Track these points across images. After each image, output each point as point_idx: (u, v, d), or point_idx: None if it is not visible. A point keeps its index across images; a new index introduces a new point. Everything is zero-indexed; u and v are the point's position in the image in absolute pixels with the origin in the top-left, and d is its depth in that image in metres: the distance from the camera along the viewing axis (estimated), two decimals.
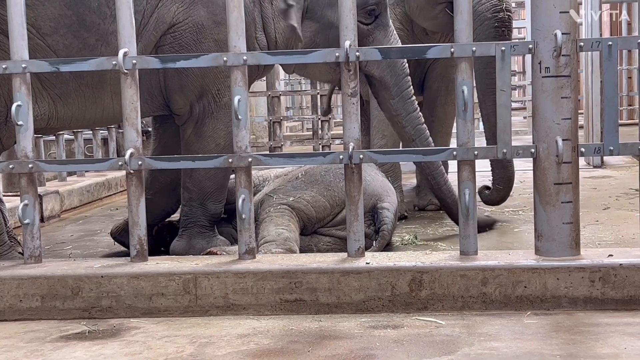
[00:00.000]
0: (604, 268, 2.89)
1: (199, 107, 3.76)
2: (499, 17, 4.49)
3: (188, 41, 3.65)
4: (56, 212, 5.67)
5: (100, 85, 3.62)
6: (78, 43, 3.51)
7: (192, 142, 3.81)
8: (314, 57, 3.29)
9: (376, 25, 4.01)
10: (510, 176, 4.78)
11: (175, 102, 3.76)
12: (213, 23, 3.66)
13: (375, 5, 3.97)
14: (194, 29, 3.64)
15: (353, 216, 3.14)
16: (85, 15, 3.50)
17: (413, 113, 4.05)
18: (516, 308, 2.91)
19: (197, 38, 3.65)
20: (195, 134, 3.80)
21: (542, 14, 2.96)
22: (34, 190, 3.25)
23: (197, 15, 3.64)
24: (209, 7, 3.65)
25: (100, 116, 3.77)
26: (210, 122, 3.77)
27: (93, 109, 3.70)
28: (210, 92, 3.74)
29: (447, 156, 3.17)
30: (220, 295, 3.01)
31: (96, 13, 3.51)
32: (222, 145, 3.78)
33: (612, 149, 3.04)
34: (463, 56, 3.04)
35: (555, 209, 3.00)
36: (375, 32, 4.01)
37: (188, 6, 3.62)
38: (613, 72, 3.05)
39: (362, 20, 3.91)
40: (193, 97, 3.74)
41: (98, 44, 3.53)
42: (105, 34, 3.53)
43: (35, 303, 3.06)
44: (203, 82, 3.71)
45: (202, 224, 3.86)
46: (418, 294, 2.95)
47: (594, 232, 4.31)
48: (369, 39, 3.97)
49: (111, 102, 3.68)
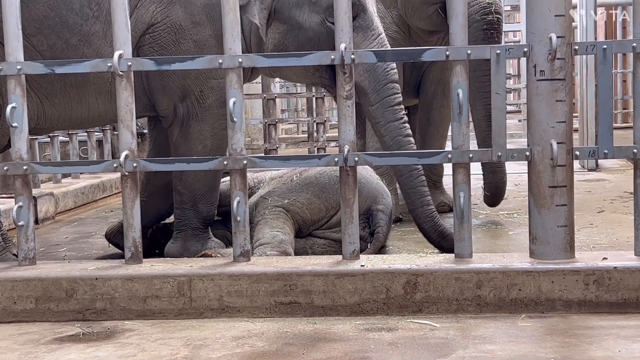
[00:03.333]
0: (598, 271, 2.89)
1: (182, 108, 3.75)
2: (488, 20, 4.49)
3: (167, 41, 3.65)
4: (51, 214, 5.66)
5: (83, 85, 3.65)
6: (61, 44, 3.55)
7: (179, 145, 3.81)
8: (309, 60, 3.29)
9: (354, 27, 3.76)
10: (498, 182, 4.80)
11: (159, 103, 3.76)
12: (191, 23, 3.66)
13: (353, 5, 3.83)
14: (173, 29, 3.65)
15: (348, 218, 3.14)
16: (67, 17, 3.55)
17: (393, 123, 3.76)
18: (511, 311, 2.91)
19: (175, 38, 3.66)
20: (182, 136, 3.80)
21: (537, 17, 2.96)
22: (28, 192, 3.25)
23: (175, 15, 3.65)
24: (187, 8, 3.66)
25: (87, 116, 3.79)
26: (195, 123, 3.76)
27: (79, 109, 3.72)
28: (193, 93, 3.73)
29: (442, 159, 3.17)
30: (215, 298, 3.01)
31: (78, 14, 3.56)
32: (210, 146, 3.77)
33: (607, 152, 3.04)
34: (458, 59, 3.05)
35: (550, 212, 3.00)
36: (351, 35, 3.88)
37: (166, 6, 3.63)
38: (608, 75, 3.05)
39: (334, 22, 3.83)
40: (176, 98, 3.74)
41: (80, 45, 3.58)
42: (87, 35, 3.58)
43: (30, 305, 3.06)
44: (185, 82, 3.71)
45: (196, 226, 3.86)
46: (413, 297, 2.95)
47: (588, 235, 4.32)
48: None
49: (95, 101, 3.71)
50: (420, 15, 4.87)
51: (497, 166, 4.71)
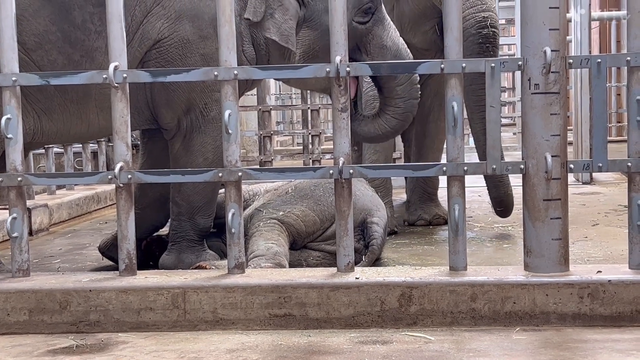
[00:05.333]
0: (593, 284, 2.90)
1: (186, 121, 3.75)
2: (483, 34, 4.50)
3: (174, 56, 3.65)
4: (45, 225, 5.65)
5: (85, 100, 3.62)
6: (63, 59, 3.51)
7: (180, 157, 3.81)
8: (305, 72, 3.30)
9: (374, 22, 3.96)
10: (502, 196, 4.80)
11: (163, 117, 3.76)
12: (199, 37, 3.66)
13: (371, 2, 3.92)
14: (180, 44, 3.64)
15: (343, 231, 3.14)
16: (69, 32, 3.50)
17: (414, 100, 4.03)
18: (505, 324, 2.91)
19: (183, 53, 3.65)
20: (184, 149, 3.79)
21: (532, 30, 2.97)
22: (22, 204, 3.24)
23: (183, 30, 3.64)
24: (195, 22, 3.65)
25: (86, 131, 3.77)
26: (198, 136, 3.76)
27: (78, 125, 3.70)
28: (198, 106, 3.73)
29: (436, 172, 3.18)
30: (209, 310, 3.00)
31: (80, 29, 3.51)
32: (211, 159, 3.77)
33: (601, 166, 3.05)
34: (453, 72, 3.06)
35: (544, 225, 3.01)
36: (373, 29, 3.96)
37: (174, 22, 3.62)
38: (602, 89, 3.06)
39: (360, 20, 3.90)
40: (180, 111, 3.74)
41: (83, 60, 3.54)
42: (89, 50, 3.54)
43: (23, 317, 3.05)
44: (190, 96, 3.71)
45: (191, 238, 3.85)
46: (407, 309, 2.95)
47: (582, 248, 4.32)
48: (367, 37, 3.94)
49: (96, 117, 3.68)
50: (416, 31, 4.89)
51: (498, 180, 4.72)
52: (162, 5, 3.59)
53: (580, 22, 7.59)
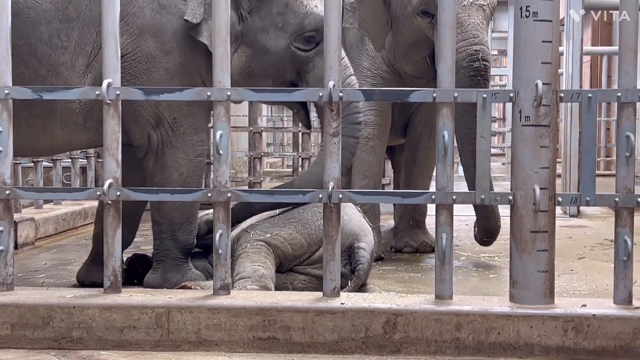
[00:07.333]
0: (577, 318, 2.90)
1: (156, 136, 3.77)
2: (475, 67, 4.53)
3: (138, 71, 3.67)
4: (31, 239, 5.61)
5: (50, 114, 3.64)
6: (30, 73, 3.53)
7: (155, 174, 3.81)
8: (297, 96, 3.32)
9: (317, 52, 3.87)
10: (492, 227, 4.82)
11: (132, 133, 3.76)
12: (162, 52, 3.70)
13: (314, 31, 3.85)
14: (144, 58, 3.68)
15: (330, 255, 3.14)
16: (36, 46, 3.53)
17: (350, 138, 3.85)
18: (489, 354, 2.90)
19: (147, 67, 3.69)
20: (157, 165, 3.81)
21: (524, 63, 3.00)
22: (9, 217, 3.23)
23: (146, 45, 3.68)
24: (158, 37, 3.69)
25: (50, 145, 3.79)
26: (170, 151, 3.78)
27: (42, 138, 3.72)
28: (167, 120, 3.75)
29: (425, 200, 3.18)
30: (193, 331, 2.99)
31: (47, 44, 3.55)
32: (186, 173, 3.79)
33: (589, 200, 3.06)
34: (445, 101, 3.07)
35: (530, 256, 3.01)
36: (315, 59, 3.88)
37: (136, 37, 3.65)
38: (592, 123, 3.08)
39: (300, 46, 3.87)
40: (149, 126, 3.76)
41: (49, 75, 3.57)
42: (55, 65, 3.57)
43: (5, 331, 3.02)
44: (157, 111, 3.73)
45: (175, 256, 3.85)
46: (392, 337, 2.94)
47: (568, 281, 4.33)
48: (308, 66, 3.90)
49: (61, 131, 3.71)
50: (408, 60, 4.94)
51: (490, 212, 4.73)
52: (126, 22, 3.62)
53: (572, 56, 7.64)
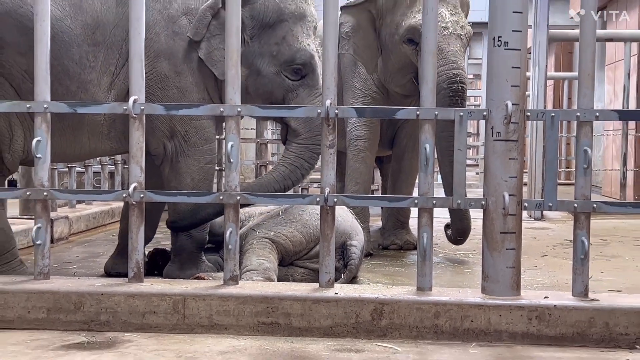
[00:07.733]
0: (540, 308, 2.90)
1: (171, 146, 3.79)
2: (453, 88, 4.55)
3: (154, 89, 3.68)
4: (65, 235, 5.60)
5: (79, 126, 3.67)
6: (62, 90, 3.54)
7: (170, 179, 3.84)
8: (299, 112, 3.34)
9: (301, 83, 3.86)
10: (465, 228, 4.82)
11: (150, 143, 3.74)
12: (174, 73, 3.72)
13: (302, 65, 3.83)
14: (159, 78, 3.70)
15: (325, 251, 3.14)
16: (68, 66, 3.55)
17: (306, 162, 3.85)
18: (463, 339, 2.90)
19: (161, 86, 3.71)
20: (172, 172, 3.82)
21: (496, 86, 3.00)
22: (47, 215, 3.23)
23: (161, 67, 3.70)
24: (171, 60, 3.71)
25: (78, 153, 3.83)
26: (183, 159, 3.80)
27: (72, 147, 3.74)
28: (180, 132, 3.76)
29: (409, 204, 3.18)
30: (205, 316, 2.98)
31: (78, 64, 3.56)
32: (197, 179, 3.81)
33: (551, 205, 3.06)
34: (427, 118, 3.08)
35: (500, 254, 3.01)
36: (299, 89, 3.86)
37: (153, 59, 3.67)
38: (554, 139, 3.09)
39: (288, 76, 3.84)
40: (165, 138, 3.77)
41: (78, 91, 3.58)
42: (84, 83, 3.59)
43: (42, 315, 3.02)
44: (171, 124, 3.75)
45: (191, 250, 3.86)
46: (379, 323, 2.94)
47: (532, 276, 4.33)
48: (293, 94, 3.87)
49: (88, 141, 3.74)
50: (396, 83, 4.96)
51: (464, 215, 4.75)
52: (144, 46, 3.62)
53: (537, 80, 7.68)
